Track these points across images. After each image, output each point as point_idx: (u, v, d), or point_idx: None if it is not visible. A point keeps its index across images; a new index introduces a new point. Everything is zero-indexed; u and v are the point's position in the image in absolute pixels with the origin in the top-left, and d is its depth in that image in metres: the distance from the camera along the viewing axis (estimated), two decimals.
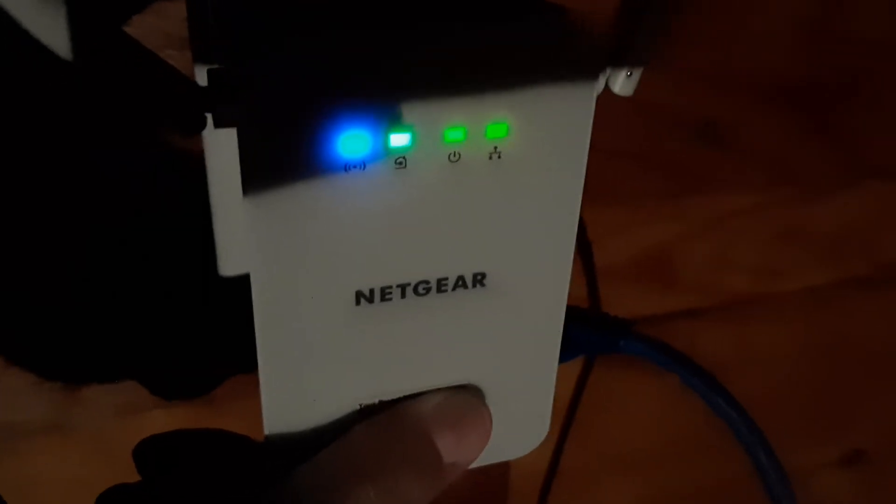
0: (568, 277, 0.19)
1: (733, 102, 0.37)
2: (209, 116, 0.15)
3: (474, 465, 0.20)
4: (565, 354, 0.22)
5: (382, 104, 0.15)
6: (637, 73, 0.17)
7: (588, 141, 0.18)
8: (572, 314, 0.23)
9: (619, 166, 0.36)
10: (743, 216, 0.40)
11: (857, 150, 0.41)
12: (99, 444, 0.33)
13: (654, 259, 0.39)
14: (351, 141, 0.16)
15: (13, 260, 0.24)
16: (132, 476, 0.34)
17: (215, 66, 0.15)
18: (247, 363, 0.31)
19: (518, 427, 0.21)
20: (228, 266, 0.22)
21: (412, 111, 0.16)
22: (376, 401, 0.19)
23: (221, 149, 0.17)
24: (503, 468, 0.40)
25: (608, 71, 0.17)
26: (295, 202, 0.16)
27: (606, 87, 0.18)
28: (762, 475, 0.20)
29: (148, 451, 0.19)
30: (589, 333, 0.22)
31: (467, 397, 0.19)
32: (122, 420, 0.33)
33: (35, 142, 0.18)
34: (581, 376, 0.40)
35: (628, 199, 0.37)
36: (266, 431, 0.18)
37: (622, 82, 0.17)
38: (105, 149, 0.20)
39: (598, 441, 0.42)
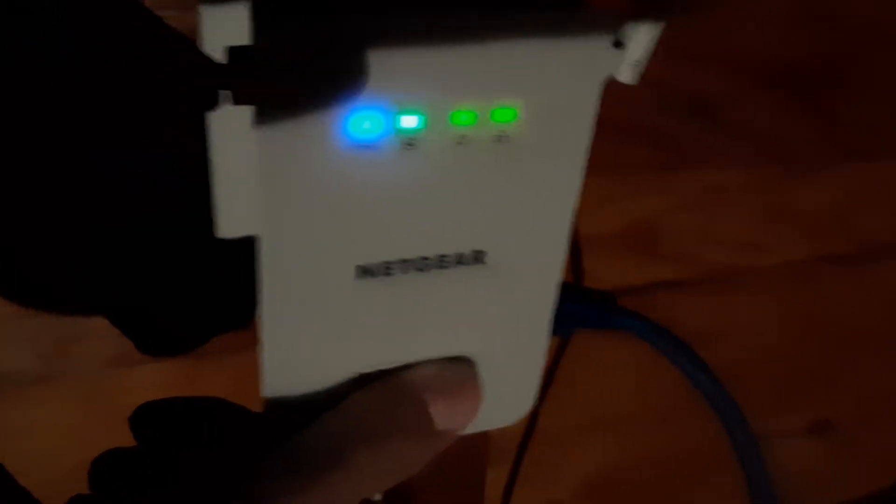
0: (564, 257, 0.20)
1: (724, 80, 0.37)
2: (223, 93, 0.15)
3: (465, 432, 0.21)
4: (560, 329, 0.23)
5: (394, 87, 0.16)
6: (643, 63, 0.18)
7: (592, 127, 0.18)
8: (568, 290, 0.23)
9: (607, 137, 0.36)
10: (728, 192, 0.40)
11: (842, 131, 0.41)
12: (88, 396, 0.34)
13: (638, 231, 0.40)
14: (362, 122, 0.16)
15: (13, 210, 0.24)
16: (120, 428, 0.35)
17: (237, 44, 0.15)
18: (238, 321, 0.31)
19: (506, 397, 0.22)
20: (227, 228, 0.22)
21: (423, 94, 0.16)
22: (375, 370, 0.19)
23: (224, 115, 0.18)
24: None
25: (615, 61, 0.18)
26: (305, 178, 0.16)
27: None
28: (738, 452, 0.21)
29: (144, 417, 0.19)
30: (583, 309, 0.23)
31: (460, 368, 0.20)
32: (111, 372, 0.33)
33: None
34: (562, 339, 0.41)
35: (615, 171, 0.37)
36: (264, 394, 0.19)
37: (627, 70, 0.18)
38: (111, 115, 0.20)
39: (577, 403, 0.43)
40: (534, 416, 0.43)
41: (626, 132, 0.37)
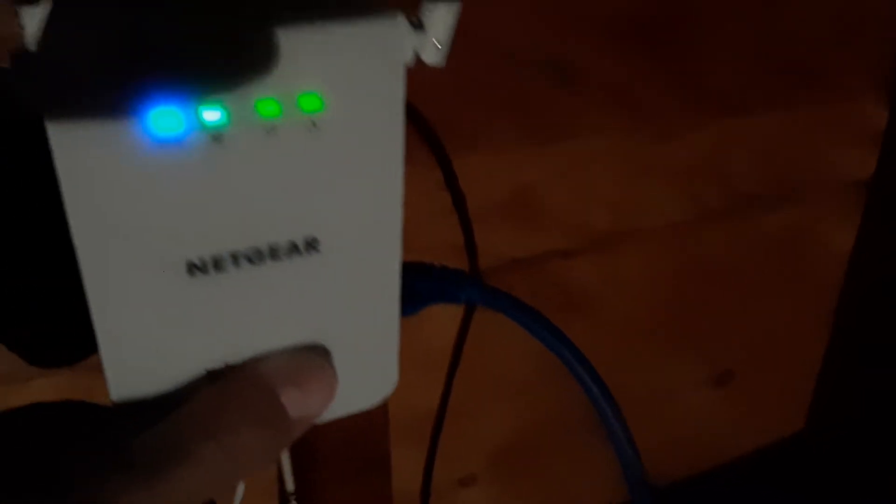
0: (399, 237, 0.20)
1: (582, 43, 0.39)
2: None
3: (327, 418, 0.21)
4: (410, 307, 0.24)
5: (187, 81, 0.16)
6: (447, 43, 0.18)
7: (402, 110, 0.18)
8: (416, 269, 0.24)
9: (478, 113, 0.38)
10: (602, 157, 0.42)
11: (707, 87, 0.43)
12: None
13: (522, 203, 0.41)
14: (162, 118, 0.16)
15: None
16: None
17: (19, 50, 0.15)
18: None
19: (367, 379, 0.22)
20: None
21: (220, 86, 0.16)
22: (223, 365, 0.20)
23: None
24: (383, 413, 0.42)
25: (416, 42, 0.18)
26: (109, 180, 0.16)
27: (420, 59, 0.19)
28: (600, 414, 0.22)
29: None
30: (431, 286, 0.24)
31: (311, 355, 0.20)
32: (3, 389, 0.33)
33: None
34: (464, 320, 0.42)
35: (491, 146, 0.39)
36: (112, 398, 0.19)
37: (432, 51, 0.18)
38: None
39: (482, 377, 0.44)
40: (445, 396, 0.44)
41: (496, 105, 0.38)
